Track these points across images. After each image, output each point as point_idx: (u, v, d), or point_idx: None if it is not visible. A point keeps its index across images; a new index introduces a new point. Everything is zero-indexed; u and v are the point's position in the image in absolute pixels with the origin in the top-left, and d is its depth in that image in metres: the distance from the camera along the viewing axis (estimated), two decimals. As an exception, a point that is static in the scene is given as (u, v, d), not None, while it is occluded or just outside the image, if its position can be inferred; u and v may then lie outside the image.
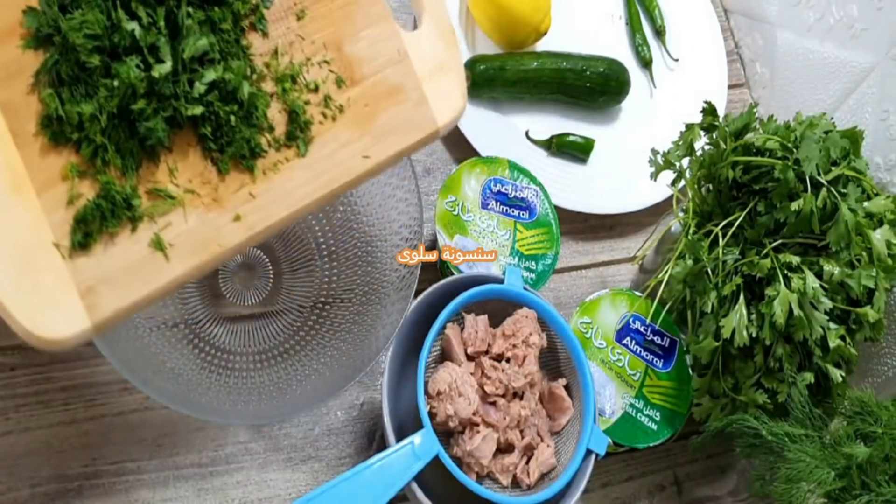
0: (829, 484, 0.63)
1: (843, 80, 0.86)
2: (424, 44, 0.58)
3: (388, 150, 0.55)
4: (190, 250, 0.49)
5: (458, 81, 0.58)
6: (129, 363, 0.59)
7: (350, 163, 0.54)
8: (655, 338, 0.76)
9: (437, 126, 0.57)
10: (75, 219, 0.46)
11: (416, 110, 0.57)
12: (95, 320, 0.46)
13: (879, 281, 0.65)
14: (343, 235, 0.75)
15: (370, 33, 0.57)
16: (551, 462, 0.66)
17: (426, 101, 0.57)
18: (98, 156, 0.47)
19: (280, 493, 0.70)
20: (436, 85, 0.57)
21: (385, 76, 0.56)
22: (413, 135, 0.56)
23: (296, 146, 0.53)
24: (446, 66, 0.58)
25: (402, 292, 0.67)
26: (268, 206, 0.52)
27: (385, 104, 0.56)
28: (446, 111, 0.57)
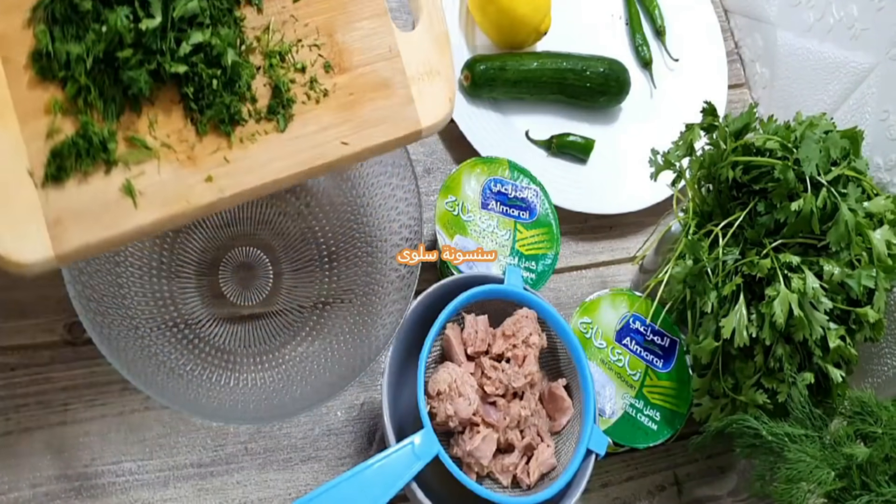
0: (829, 484, 0.63)
1: (843, 80, 0.86)
2: (417, 45, 0.59)
3: (368, 140, 0.56)
4: (159, 201, 0.50)
5: (446, 87, 0.59)
6: (129, 363, 0.59)
7: (327, 146, 0.55)
8: (655, 338, 0.76)
9: (420, 127, 0.58)
10: (52, 151, 0.48)
11: (401, 108, 0.57)
12: (59, 251, 0.48)
13: (879, 281, 0.65)
14: (343, 235, 0.75)
15: (365, 26, 0.57)
16: (551, 462, 0.66)
17: (412, 100, 0.58)
18: (81, 96, 0.49)
19: (280, 493, 0.70)
20: (424, 87, 0.58)
21: (374, 69, 0.57)
22: (394, 131, 0.57)
23: (276, 121, 0.54)
24: (436, 71, 0.59)
25: (402, 292, 0.67)
26: (240, 172, 0.53)
27: (370, 96, 0.57)
28: (431, 114, 0.58)
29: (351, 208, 0.75)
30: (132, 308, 0.65)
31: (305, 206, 0.75)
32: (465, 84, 0.86)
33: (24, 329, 0.68)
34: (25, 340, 0.68)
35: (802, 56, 0.92)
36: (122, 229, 0.49)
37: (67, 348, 0.68)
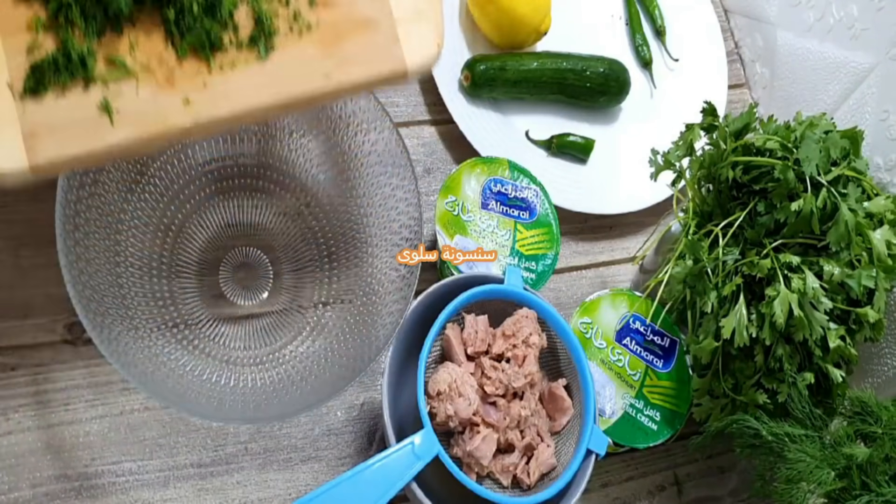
0: (829, 484, 0.63)
1: (843, 80, 0.86)
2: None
3: (351, 75, 0.56)
4: (135, 121, 0.51)
5: (434, 31, 0.59)
6: (129, 363, 0.59)
7: (309, 78, 0.55)
8: (655, 338, 0.76)
9: (406, 66, 0.57)
10: (31, 66, 0.49)
11: (386, 47, 0.57)
12: (33, 163, 0.48)
13: (879, 281, 0.65)
14: (343, 235, 0.75)
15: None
16: (551, 462, 0.66)
17: (398, 40, 0.57)
18: (62, 13, 0.50)
19: (280, 493, 0.70)
20: (411, 28, 0.58)
21: (359, 7, 0.57)
22: (379, 68, 0.57)
23: (257, 50, 0.54)
24: (424, 14, 0.59)
25: (402, 292, 0.67)
26: (218, 98, 0.53)
27: (355, 33, 0.57)
28: (418, 55, 0.58)
29: (351, 208, 0.75)
30: (132, 308, 0.65)
31: (305, 206, 0.75)
32: (465, 84, 0.86)
33: (24, 329, 0.68)
34: (25, 340, 0.68)
35: (802, 56, 0.92)
36: (96, 145, 0.50)
37: (67, 348, 0.68)
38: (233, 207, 0.74)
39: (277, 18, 0.55)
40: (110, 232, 0.65)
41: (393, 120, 0.69)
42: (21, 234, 0.69)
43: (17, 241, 0.69)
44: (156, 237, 0.69)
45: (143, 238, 0.68)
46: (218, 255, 0.73)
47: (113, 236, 0.65)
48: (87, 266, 0.60)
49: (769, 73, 0.98)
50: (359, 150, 0.72)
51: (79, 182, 0.59)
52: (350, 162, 0.73)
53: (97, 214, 0.62)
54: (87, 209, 0.61)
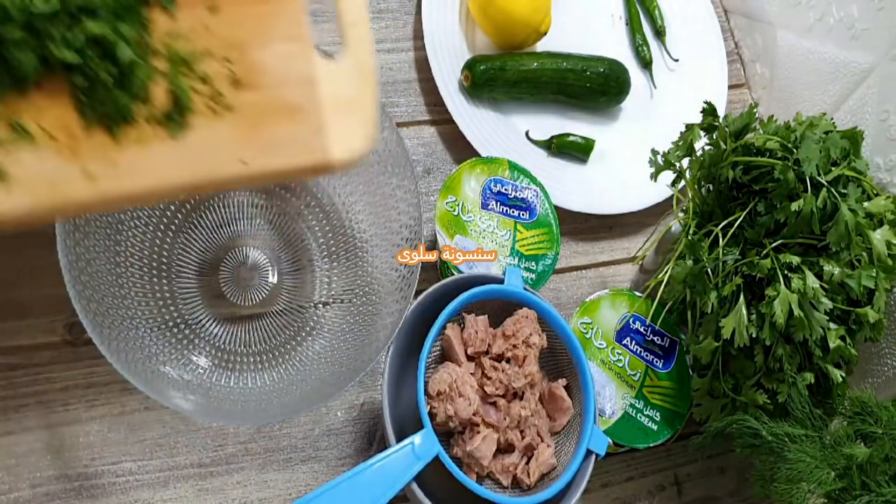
0: (829, 484, 0.63)
1: (843, 80, 0.86)
2: (339, 76, 0.56)
3: (269, 163, 0.53)
4: (32, 190, 0.48)
5: (364, 123, 0.56)
6: (129, 363, 0.59)
7: (223, 162, 0.52)
8: (655, 338, 0.76)
9: (329, 159, 0.54)
10: None
11: (310, 136, 0.54)
12: None
13: (879, 281, 0.65)
14: (343, 235, 0.75)
15: (282, 48, 0.55)
16: (551, 462, 0.66)
17: (323, 131, 0.55)
18: None
19: (280, 493, 0.70)
20: (339, 119, 0.55)
21: (286, 93, 0.54)
22: (300, 158, 0.54)
23: (170, 127, 0.52)
24: (356, 105, 0.56)
25: (402, 292, 0.67)
26: (125, 175, 0.50)
27: (278, 119, 0.54)
28: (343, 148, 0.55)
29: (351, 208, 0.75)
30: (132, 308, 0.65)
31: (305, 207, 0.75)
32: (465, 84, 0.86)
33: (24, 329, 0.68)
34: (25, 340, 0.67)
35: (802, 56, 0.92)
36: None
37: (67, 348, 0.68)
38: (233, 207, 0.74)
39: (196, 95, 0.52)
40: (110, 232, 0.65)
41: (393, 120, 0.69)
42: (21, 234, 0.69)
43: (17, 240, 0.69)
44: (156, 237, 0.69)
45: (143, 238, 0.68)
46: (218, 255, 0.73)
47: (113, 236, 0.65)
48: (87, 266, 0.60)
49: (769, 73, 0.98)
50: (359, 150, 0.72)
51: (79, 182, 0.59)
52: (350, 162, 0.73)
53: (97, 215, 0.62)
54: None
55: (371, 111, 0.57)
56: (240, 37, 0.55)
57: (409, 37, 0.90)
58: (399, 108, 0.87)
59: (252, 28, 0.55)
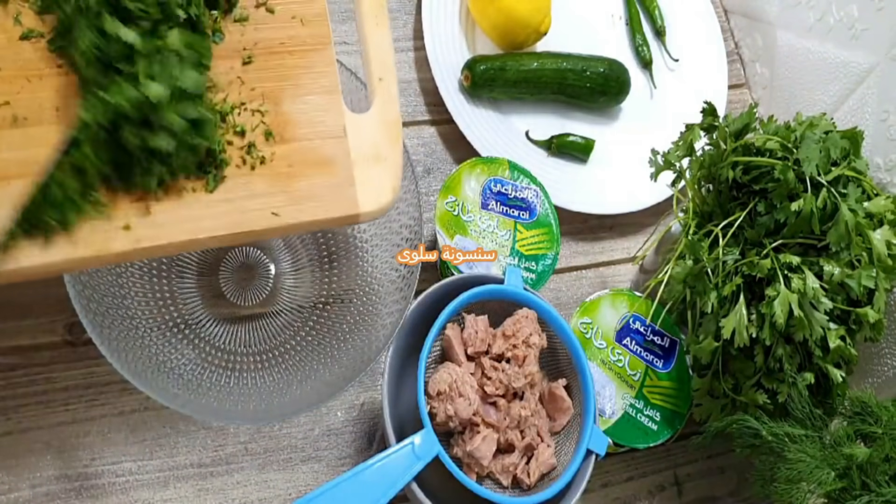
0: (829, 484, 0.63)
1: (843, 80, 0.86)
2: (367, 129, 0.58)
3: (300, 215, 0.54)
4: (72, 241, 0.49)
5: (391, 175, 0.57)
6: (129, 363, 0.59)
7: (257, 214, 0.53)
8: (655, 338, 0.76)
9: (359, 211, 0.56)
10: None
11: (340, 189, 0.56)
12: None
13: (879, 281, 0.65)
14: (343, 235, 0.75)
15: (314, 100, 0.56)
16: (551, 462, 0.66)
17: (353, 183, 0.56)
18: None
19: (280, 493, 0.70)
20: (367, 171, 0.57)
21: (317, 145, 0.56)
22: (330, 210, 0.55)
23: (206, 180, 0.52)
24: (383, 157, 0.57)
25: (402, 292, 0.67)
26: (161, 226, 0.51)
27: (310, 172, 0.55)
28: (372, 200, 0.56)
29: (351, 208, 0.75)
30: (132, 308, 0.65)
31: (305, 206, 0.75)
32: (465, 84, 0.86)
33: (24, 329, 0.68)
34: (25, 340, 0.68)
35: (802, 56, 0.92)
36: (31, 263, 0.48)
37: (67, 348, 0.68)
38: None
39: (231, 147, 0.53)
40: (110, 232, 0.65)
41: (393, 120, 0.69)
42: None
43: (17, 241, 0.69)
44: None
45: (143, 238, 0.68)
46: (218, 255, 0.73)
47: (113, 236, 0.65)
48: (87, 266, 0.60)
49: (769, 73, 0.98)
50: (359, 150, 0.72)
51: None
52: (350, 162, 0.73)
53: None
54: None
55: (398, 162, 0.58)
56: (274, 89, 0.55)
57: (409, 37, 0.90)
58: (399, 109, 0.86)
59: (286, 80, 0.56)
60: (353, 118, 0.57)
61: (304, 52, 0.57)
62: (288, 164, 0.55)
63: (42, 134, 0.49)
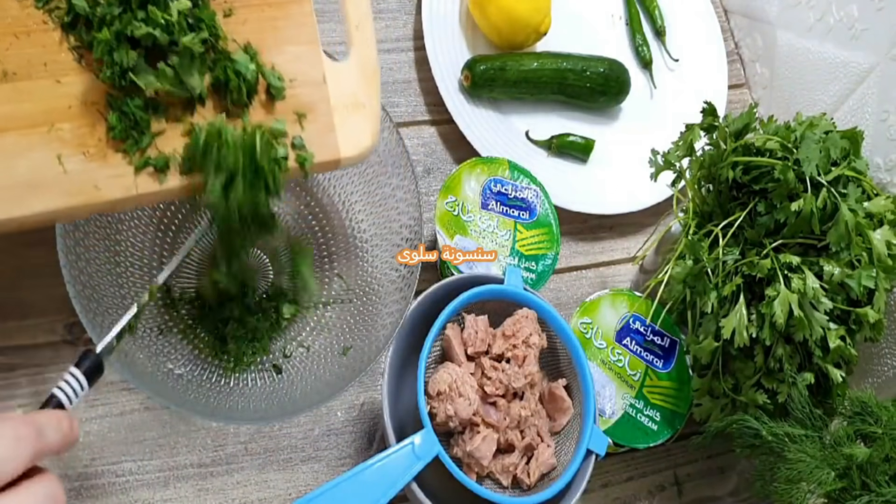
0: (829, 484, 0.63)
1: (843, 80, 0.86)
2: (345, 76, 0.59)
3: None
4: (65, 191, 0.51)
5: (370, 121, 0.59)
6: (129, 363, 0.59)
7: None
8: (655, 338, 0.76)
9: (340, 156, 0.58)
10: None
11: (321, 134, 0.58)
12: None
13: (879, 281, 0.65)
14: (343, 235, 0.75)
15: (294, 50, 0.58)
16: (551, 462, 0.66)
17: (333, 129, 0.58)
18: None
19: (280, 493, 0.70)
20: (347, 117, 0.58)
21: (298, 93, 0.57)
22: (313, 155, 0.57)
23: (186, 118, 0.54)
24: (362, 104, 0.59)
25: (402, 292, 0.67)
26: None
27: (290, 119, 0.57)
28: (351, 145, 0.58)
29: (351, 208, 0.75)
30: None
31: (305, 206, 0.75)
32: (465, 84, 0.86)
33: (24, 329, 0.68)
34: (25, 340, 0.67)
35: (802, 56, 0.92)
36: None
37: (67, 348, 0.68)
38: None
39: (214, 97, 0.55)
40: (110, 232, 0.65)
41: (393, 120, 0.69)
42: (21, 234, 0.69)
43: (17, 241, 0.69)
44: (156, 237, 0.69)
45: (143, 238, 0.68)
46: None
47: (113, 236, 0.65)
48: (87, 266, 0.60)
49: (769, 73, 0.98)
50: (359, 150, 0.72)
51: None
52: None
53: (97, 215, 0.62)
54: (87, 209, 0.61)
55: (376, 108, 0.60)
56: (254, 40, 0.57)
57: (409, 37, 0.90)
58: (399, 108, 0.87)
59: (266, 31, 0.57)
60: (332, 66, 0.59)
61: (282, 4, 0.58)
62: (268, 113, 0.56)
63: (32, 88, 0.51)
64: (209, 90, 0.55)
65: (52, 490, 0.42)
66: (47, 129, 0.51)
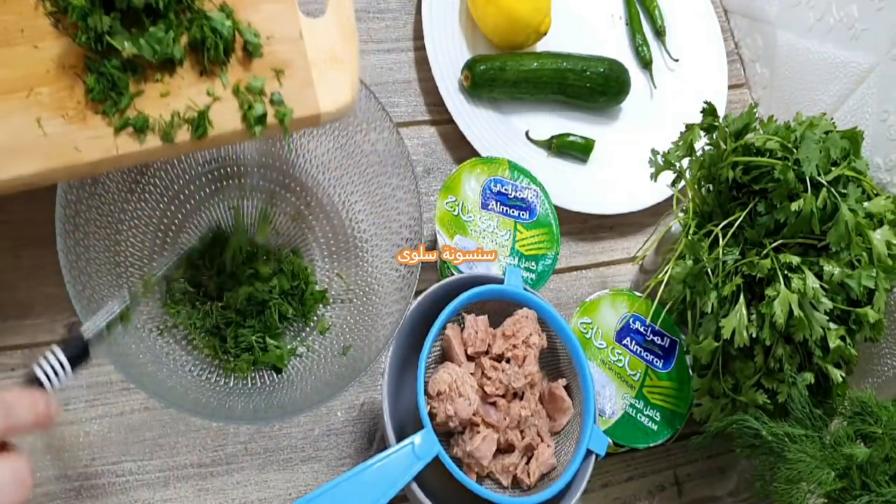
0: (829, 484, 0.63)
1: (843, 80, 0.86)
2: (322, 32, 0.60)
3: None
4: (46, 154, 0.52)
5: (348, 75, 0.60)
6: (129, 363, 0.59)
7: (217, 117, 0.56)
8: (655, 338, 0.76)
9: (319, 111, 0.59)
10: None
11: (299, 89, 0.58)
12: None
13: (879, 281, 0.65)
14: (343, 235, 0.75)
15: (270, 8, 0.58)
16: (551, 462, 0.66)
17: (312, 84, 0.58)
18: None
19: (280, 493, 0.70)
20: (325, 72, 0.59)
21: (275, 50, 0.58)
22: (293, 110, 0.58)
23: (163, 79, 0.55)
24: (339, 59, 0.60)
25: (402, 292, 0.67)
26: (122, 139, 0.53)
27: (268, 75, 0.58)
28: (331, 99, 0.59)
29: (351, 208, 0.75)
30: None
31: (305, 206, 0.75)
32: (465, 84, 0.86)
33: (24, 329, 0.68)
34: (25, 340, 0.67)
35: (802, 56, 0.92)
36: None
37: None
38: (233, 207, 0.74)
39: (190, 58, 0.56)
40: (110, 232, 0.65)
41: (393, 120, 0.69)
42: (21, 234, 0.69)
43: (17, 241, 0.69)
44: (156, 237, 0.69)
45: (143, 238, 0.68)
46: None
47: (113, 236, 0.65)
48: (87, 266, 0.60)
49: (769, 73, 0.98)
50: (359, 150, 0.72)
51: (79, 182, 0.59)
52: (350, 162, 0.73)
53: (97, 214, 0.62)
54: (87, 209, 0.61)
55: (355, 64, 0.60)
56: (229, 2, 0.57)
57: (409, 37, 0.90)
58: (399, 108, 0.86)
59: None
60: (308, 22, 0.60)
61: None
62: (246, 70, 0.57)
63: (9, 55, 0.52)
64: (186, 49, 0.55)
65: (17, 470, 0.40)
66: (26, 94, 0.51)
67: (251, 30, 0.57)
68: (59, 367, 0.48)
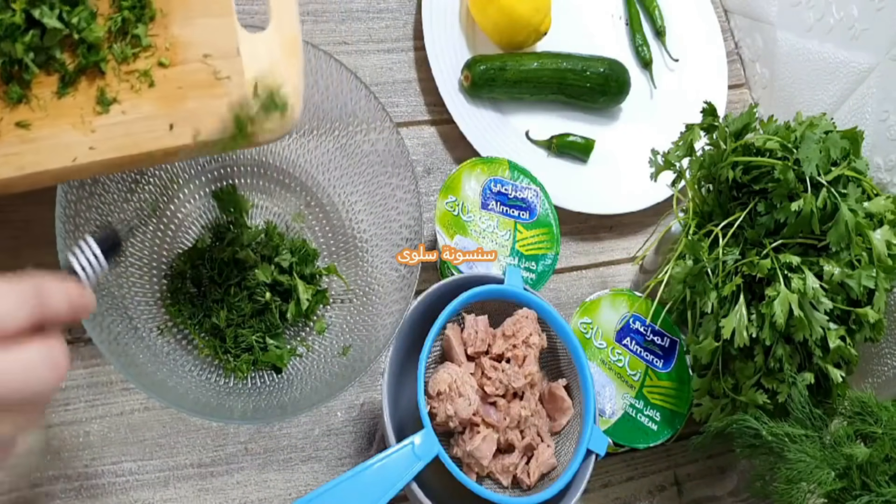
0: (829, 484, 0.63)
1: (843, 80, 0.86)
2: (262, 48, 0.57)
3: (186, 137, 0.54)
4: None
5: (290, 93, 0.56)
6: (129, 363, 0.59)
7: (142, 137, 0.53)
8: (655, 338, 0.76)
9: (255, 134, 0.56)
10: None
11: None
12: None
13: (879, 281, 0.65)
14: (343, 235, 0.75)
15: (204, 22, 0.56)
16: (551, 462, 0.66)
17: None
18: None
19: (280, 493, 0.70)
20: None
21: (207, 66, 0.55)
22: (220, 131, 0.55)
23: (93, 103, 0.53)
24: (280, 75, 0.56)
25: (402, 292, 0.67)
26: (44, 151, 0.51)
27: (200, 93, 0.55)
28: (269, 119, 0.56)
29: (351, 208, 0.75)
30: (132, 308, 0.65)
31: (305, 207, 0.75)
32: (465, 84, 0.86)
33: (24, 329, 0.68)
34: (25, 340, 0.67)
35: (802, 56, 0.92)
36: None
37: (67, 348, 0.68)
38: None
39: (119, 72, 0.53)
40: (110, 232, 0.65)
41: (393, 120, 0.69)
42: (21, 234, 0.69)
43: (16, 241, 0.69)
44: (155, 237, 0.69)
45: (143, 238, 0.68)
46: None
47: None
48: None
49: (769, 73, 0.98)
50: (359, 150, 0.72)
51: (79, 182, 0.59)
52: (350, 162, 0.73)
53: (97, 214, 0.62)
54: (87, 209, 0.61)
55: (297, 82, 0.57)
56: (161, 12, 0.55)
57: (409, 37, 0.90)
58: (399, 108, 0.86)
59: (174, 2, 0.55)
60: (247, 37, 0.57)
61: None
62: (178, 86, 0.54)
63: None
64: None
65: (52, 352, 0.39)
66: None
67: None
68: (93, 258, 0.47)
